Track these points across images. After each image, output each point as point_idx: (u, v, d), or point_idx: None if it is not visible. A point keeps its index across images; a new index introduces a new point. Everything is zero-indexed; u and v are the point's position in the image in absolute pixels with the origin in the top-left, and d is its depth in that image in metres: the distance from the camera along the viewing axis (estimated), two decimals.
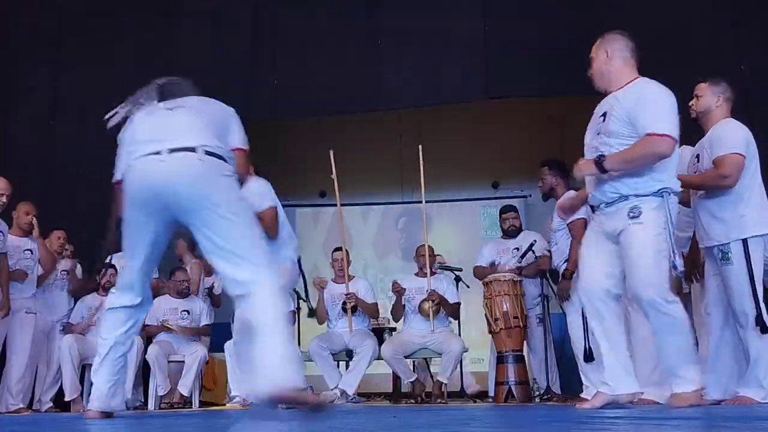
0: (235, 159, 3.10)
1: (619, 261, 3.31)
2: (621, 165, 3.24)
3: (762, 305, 3.57)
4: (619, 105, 3.32)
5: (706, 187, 3.82)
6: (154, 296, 6.27)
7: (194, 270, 6.48)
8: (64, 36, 7.51)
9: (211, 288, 6.62)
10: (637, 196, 3.25)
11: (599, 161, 3.27)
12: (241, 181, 3.19)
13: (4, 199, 5.37)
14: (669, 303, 3.19)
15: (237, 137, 3.18)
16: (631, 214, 3.24)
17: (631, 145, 3.23)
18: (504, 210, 6.11)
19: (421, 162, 6.09)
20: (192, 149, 2.88)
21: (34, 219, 5.74)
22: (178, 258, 6.66)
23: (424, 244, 6.09)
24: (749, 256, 3.61)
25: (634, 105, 3.25)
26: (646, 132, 3.18)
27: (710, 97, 3.85)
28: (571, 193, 4.93)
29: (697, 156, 3.91)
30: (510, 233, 5.95)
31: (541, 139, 8.39)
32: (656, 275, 3.19)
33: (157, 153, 2.89)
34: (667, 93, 3.29)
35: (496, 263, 5.85)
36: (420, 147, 6.14)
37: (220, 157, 2.94)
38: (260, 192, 4.17)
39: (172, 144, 2.89)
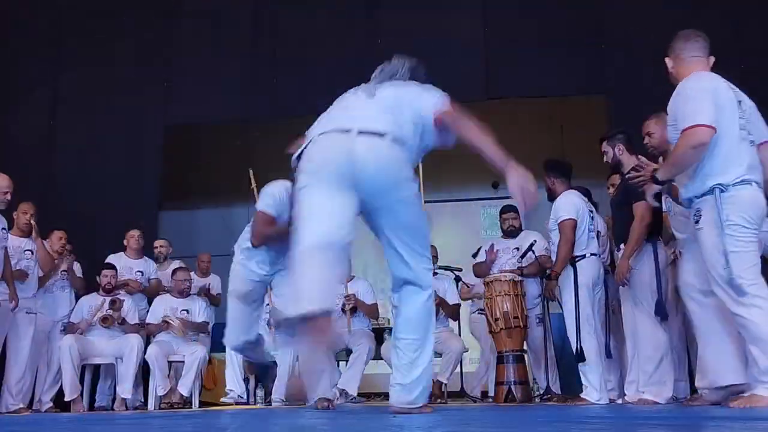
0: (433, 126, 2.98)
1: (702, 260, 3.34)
2: (670, 171, 3.32)
3: None
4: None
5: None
6: (154, 296, 6.34)
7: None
8: (64, 36, 7.52)
9: (208, 288, 6.62)
10: (696, 197, 3.29)
11: (653, 175, 3.36)
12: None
13: (8, 196, 5.36)
14: (739, 305, 3.11)
15: (431, 101, 3.00)
16: (695, 218, 3.29)
17: None
18: (504, 210, 6.12)
19: (420, 163, 6.08)
20: (381, 134, 2.83)
21: (33, 220, 5.74)
22: (161, 257, 6.69)
23: None
24: None
25: (674, 107, 3.30)
26: (681, 130, 3.20)
27: None
28: (573, 192, 4.95)
29: None
30: (509, 233, 5.96)
31: (541, 139, 8.38)
32: (722, 276, 3.15)
33: (347, 131, 2.85)
34: (698, 82, 3.27)
35: (498, 256, 5.86)
36: None
37: (404, 146, 2.88)
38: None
39: (362, 126, 2.84)
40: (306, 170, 2.90)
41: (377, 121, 2.87)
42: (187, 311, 6.12)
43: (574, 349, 4.63)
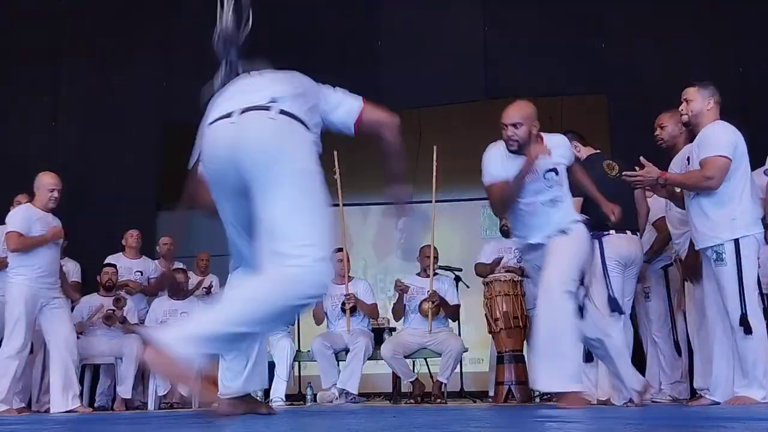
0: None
1: None
2: None
3: (750, 306, 3.55)
4: None
5: (688, 186, 3.85)
6: (153, 296, 6.33)
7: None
8: (63, 36, 7.51)
9: (209, 287, 6.60)
10: None
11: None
12: None
13: (56, 194, 5.29)
14: None
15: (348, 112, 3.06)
16: None
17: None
18: None
19: (434, 163, 6.09)
20: (266, 108, 2.54)
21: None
22: (168, 255, 6.68)
23: (428, 245, 6.06)
24: (740, 255, 3.61)
25: None
26: None
27: (701, 101, 3.86)
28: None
29: (688, 158, 3.94)
30: (506, 234, 5.98)
31: None
32: None
33: (228, 115, 2.56)
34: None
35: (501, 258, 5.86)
36: (435, 147, 6.12)
37: (299, 120, 2.63)
38: None
39: (245, 104, 2.57)
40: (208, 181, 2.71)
41: (264, 91, 2.63)
42: (187, 313, 6.12)
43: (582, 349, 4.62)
